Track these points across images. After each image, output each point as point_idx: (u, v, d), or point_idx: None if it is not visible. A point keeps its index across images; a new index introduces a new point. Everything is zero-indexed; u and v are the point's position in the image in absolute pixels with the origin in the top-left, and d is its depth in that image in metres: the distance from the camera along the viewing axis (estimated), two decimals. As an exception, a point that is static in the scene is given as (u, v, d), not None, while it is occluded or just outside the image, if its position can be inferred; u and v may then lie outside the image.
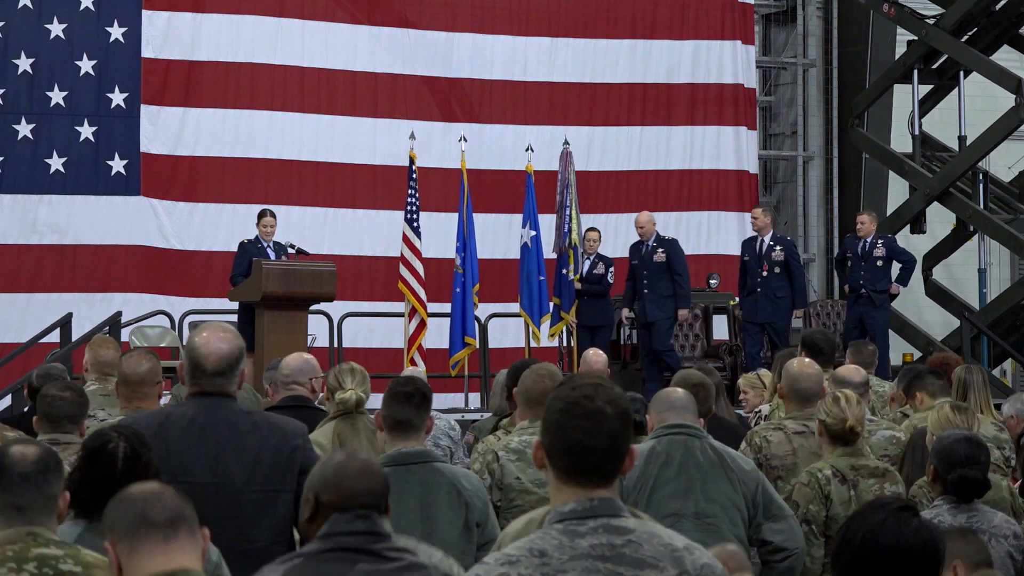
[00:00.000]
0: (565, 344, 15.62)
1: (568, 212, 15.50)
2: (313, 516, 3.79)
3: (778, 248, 14.87)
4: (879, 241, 15.27)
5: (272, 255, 13.75)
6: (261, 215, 14.17)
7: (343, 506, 3.74)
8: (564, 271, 15.19)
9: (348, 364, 7.00)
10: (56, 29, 16.37)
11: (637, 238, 15.10)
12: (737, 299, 16.89)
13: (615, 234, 18.22)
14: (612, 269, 15.09)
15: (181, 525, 3.05)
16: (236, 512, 4.62)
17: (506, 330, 16.53)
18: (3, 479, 3.69)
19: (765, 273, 14.80)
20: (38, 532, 3.66)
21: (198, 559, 3.05)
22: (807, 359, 7.09)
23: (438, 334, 15.68)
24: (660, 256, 14.73)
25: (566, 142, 15.99)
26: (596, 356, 9.54)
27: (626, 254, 15.43)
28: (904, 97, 18.76)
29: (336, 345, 15.45)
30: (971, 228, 18.08)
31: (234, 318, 13.70)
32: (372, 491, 3.77)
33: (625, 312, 15.17)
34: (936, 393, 7.73)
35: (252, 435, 4.80)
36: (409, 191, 15.28)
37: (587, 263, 15.12)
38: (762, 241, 14.92)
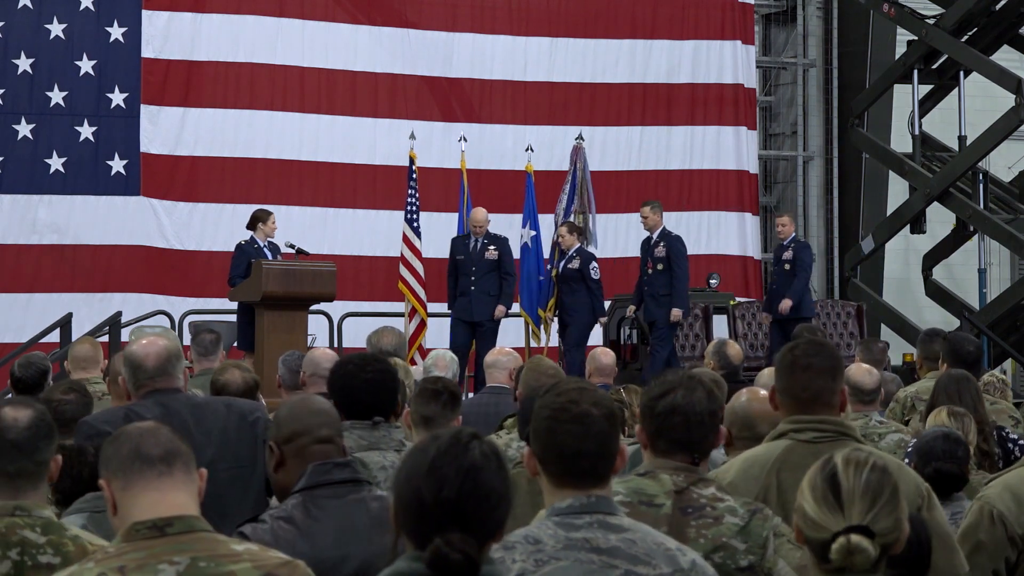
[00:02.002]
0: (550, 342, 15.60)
1: (572, 207, 15.55)
2: (280, 463, 3.85)
3: (661, 245, 14.40)
4: (791, 245, 15.13)
5: (269, 255, 13.74)
6: (267, 214, 13.96)
7: (302, 431, 3.78)
8: (549, 267, 15.18)
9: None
10: (56, 29, 16.38)
11: (636, 237, 15.04)
12: (737, 300, 16.92)
13: (615, 234, 18.24)
14: (595, 264, 14.66)
15: (176, 461, 2.98)
16: (215, 494, 4.65)
17: (506, 330, 16.51)
18: None
19: (650, 271, 14.42)
20: (25, 506, 3.60)
21: (194, 496, 2.99)
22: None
23: (438, 334, 15.68)
24: (492, 254, 14.37)
25: (579, 137, 16.08)
26: (604, 355, 9.53)
27: (626, 254, 15.43)
28: (904, 97, 18.75)
29: (336, 345, 15.45)
30: (971, 228, 18.06)
31: (234, 318, 13.72)
32: (326, 411, 3.87)
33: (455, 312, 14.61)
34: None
35: (214, 417, 4.98)
36: (409, 191, 15.31)
37: (563, 259, 14.91)
38: (650, 238, 14.54)
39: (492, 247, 14.39)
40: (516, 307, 15.53)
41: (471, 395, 12.93)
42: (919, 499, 4.09)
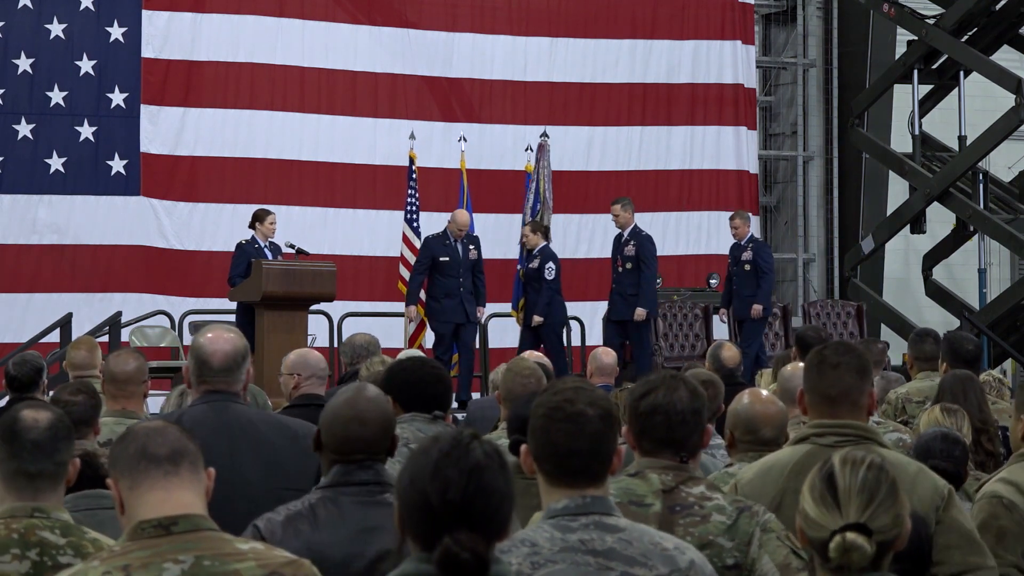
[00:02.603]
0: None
1: (539, 207, 15.56)
2: (318, 445, 3.96)
3: (631, 244, 14.42)
4: (750, 245, 15.12)
5: (269, 255, 13.74)
6: (265, 214, 13.98)
7: (336, 449, 3.86)
8: (519, 268, 15.17)
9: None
10: (56, 29, 16.38)
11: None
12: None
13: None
14: (551, 265, 14.59)
15: (183, 460, 2.99)
16: (255, 511, 4.39)
17: (506, 330, 16.53)
18: (14, 446, 3.62)
19: (620, 269, 14.45)
20: (44, 508, 3.61)
21: (200, 496, 2.99)
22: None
23: (438, 334, 15.68)
24: (473, 254, 14.33)
25: (544, 134, 16.07)
26: (606, 355, 9.52)
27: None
28: (904, 97, 18.75)
29: (336, 345, 15.43)
30: (971, 228, 18.06)
31: (233, 318, 13.71)
32: (363, 438, 3.88)
33: (412, 312, 14.53)
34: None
35: (266, 435, 4.81)
36: (409, 191, 15.32)
37: (526, 259, 14.89)
38: (620, 235, 14.57)
39: (472, 247, 14.43)
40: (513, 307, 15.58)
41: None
42: (939, 499, 4.07)
